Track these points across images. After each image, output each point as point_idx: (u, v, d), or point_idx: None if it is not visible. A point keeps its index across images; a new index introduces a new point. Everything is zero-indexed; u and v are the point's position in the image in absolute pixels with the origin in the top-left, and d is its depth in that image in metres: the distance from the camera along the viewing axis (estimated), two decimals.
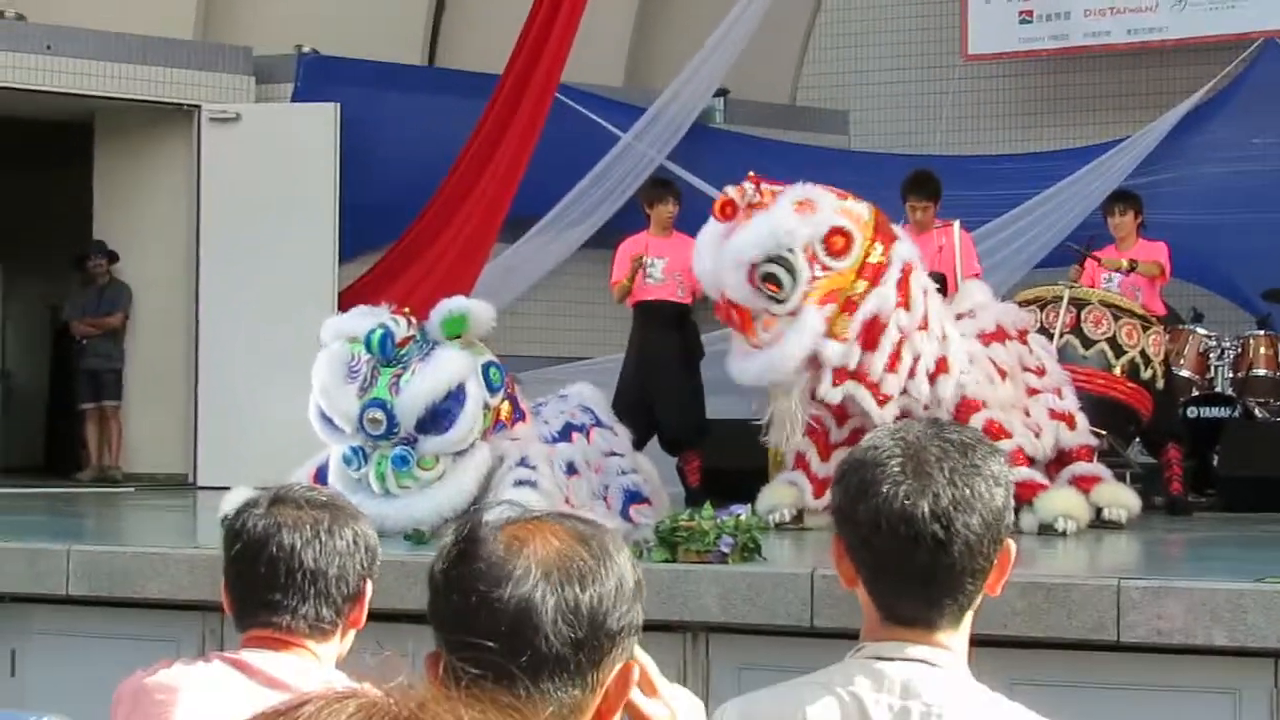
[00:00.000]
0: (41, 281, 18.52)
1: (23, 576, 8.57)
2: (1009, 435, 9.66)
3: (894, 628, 2.64)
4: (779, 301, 9.01)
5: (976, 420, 9.56)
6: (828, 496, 9.04)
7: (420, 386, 9.04)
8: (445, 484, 9.15)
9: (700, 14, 16.36)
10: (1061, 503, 9.65)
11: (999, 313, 10.39)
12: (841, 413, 9.56)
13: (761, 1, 15.74)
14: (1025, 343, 10.31)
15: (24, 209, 17.94)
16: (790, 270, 8.97)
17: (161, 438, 15.47)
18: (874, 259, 9.21)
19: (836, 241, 9.07)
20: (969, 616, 2.67)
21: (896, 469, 2.59)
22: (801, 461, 9.84)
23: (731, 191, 9.29)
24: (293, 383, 10.10)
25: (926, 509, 2.57)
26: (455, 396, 9.11)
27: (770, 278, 8.97)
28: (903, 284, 9.34)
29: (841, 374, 9.23)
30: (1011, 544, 2.66)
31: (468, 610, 2.25)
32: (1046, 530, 9.45)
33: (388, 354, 9.14)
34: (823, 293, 9.06)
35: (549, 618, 2.22)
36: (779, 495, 9.86)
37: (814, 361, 9.22)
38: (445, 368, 9.13)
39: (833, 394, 9.25)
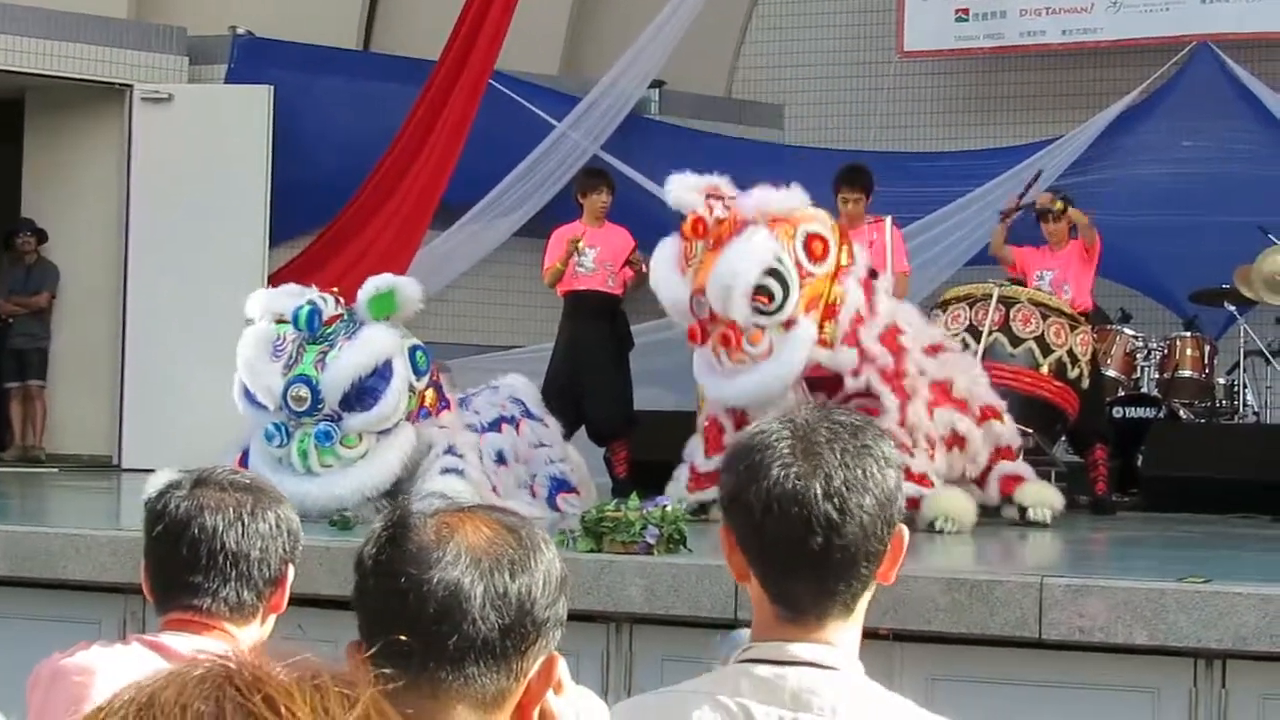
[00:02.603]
0: None
1: None
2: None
3: (784, 625, 2.56)
4: (768, 314, 9.03)
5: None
6: (703, 491, 9.17)
7: (347, 361, 9.02)
8: (368, 463, 9.12)
9: (637, 4, 16.34)
10: (946, 503, 9.62)
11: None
12: (741, 418, 9.56)
13: None
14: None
15: None
16: (783, 281, 9.01)
17: (86, 419, 15.38)
18: (844, 261, 9.30)
19: (816, 247, 9.14)
20: (862, 606, 2.60)
21: (786, 450, 2.54)
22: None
23: (700, 210, 9.27)
24: (220, 366, 10.05)
25: (819, 489, 2.51)
26: (381, 374, 9.09)
27: (763, 290, 9.01)
28: (866, 285, 9.44)
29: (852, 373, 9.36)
30: (904, 529, 2.60)
31: (395, 593, 2.24)
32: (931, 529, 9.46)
33: (314, 330, 9.12)
34: (807, 300, 9.12)
35: (477, 603, 2.22)
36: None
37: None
38: (372, 343, 9.11)
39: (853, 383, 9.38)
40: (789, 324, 9.08)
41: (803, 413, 2.61)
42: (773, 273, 9.02)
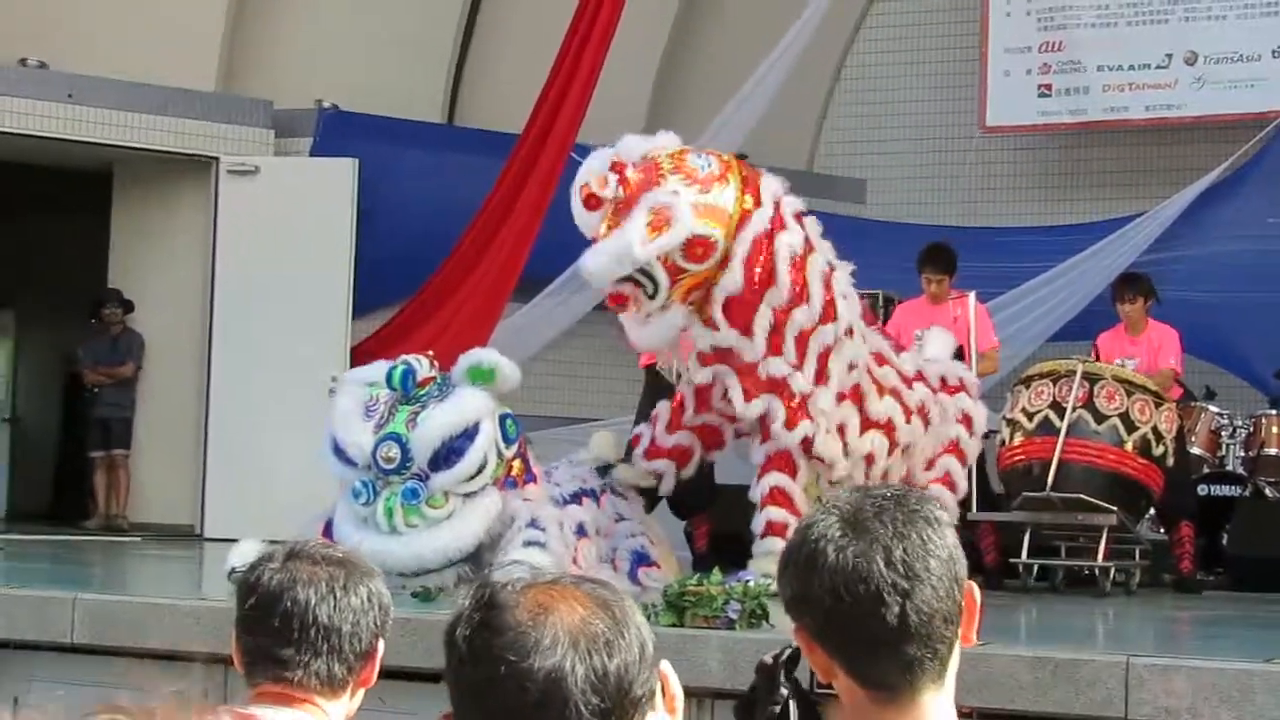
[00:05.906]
0: (55, 328, 18.53)
1: (28, 623, 8.56)
2: None
3: (880, 709, 2.53)
4: (650, 297, 8.84)
5: None
6: (649, 464, 9.23)
7: (438, 420, 9.02)
8: (452, 524, 9.10)
9: (720, 77, 16.40)
10: None
11: (945, 367, 10.27)
12: (703, 401, 9.56)
13: (782, 66, 15.77)
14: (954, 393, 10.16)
15: (40, 256, 18.00)
16: (652, 280, 8.83)
17: (169, 488, 15.47)
18: (734, 251, 8.93)
19: (696, 250, 8.81)
20: (953, 672, 2.57)
21: (838, 533, 2.52)
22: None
23: (594, 184, 8.92)
24: (303, 436, 10.09)
25: (880, 560, 2.49)
26: (469, 435, 9.09)
27: (637, 283, 8.85)
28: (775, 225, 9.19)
29: (709, 357, 9.12)
30: (974, 585, 2.58)
31: (496, 680, 2.21)
32: None
33: (408, 389, 9.14)
34: (685, 290, 8.85)
35: (579, 688, 2.20)
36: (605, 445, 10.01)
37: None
38: (463, 404, 9.12)
39: (701, 374, 9.22)
40: (665, 308, 8.89)
41: (843, 496, 2.59)
42: (642, 272, 8.74)
